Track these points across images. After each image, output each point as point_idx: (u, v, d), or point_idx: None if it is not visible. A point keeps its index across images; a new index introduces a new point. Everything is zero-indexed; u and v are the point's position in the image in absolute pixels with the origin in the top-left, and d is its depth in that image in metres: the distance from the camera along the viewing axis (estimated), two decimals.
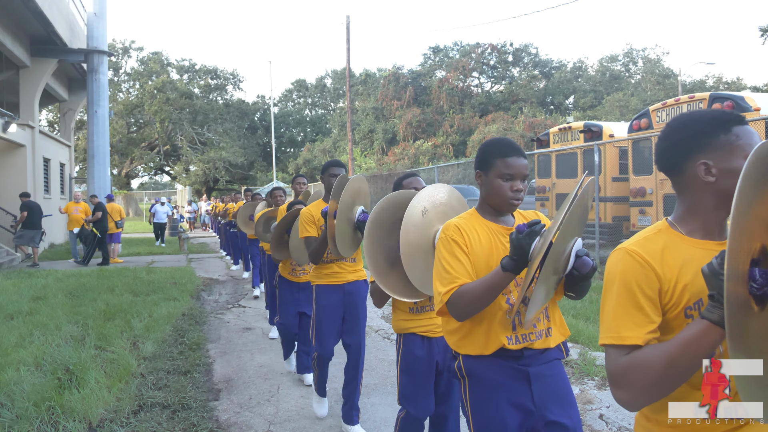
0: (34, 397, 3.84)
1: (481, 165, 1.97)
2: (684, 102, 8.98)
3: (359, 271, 3.78)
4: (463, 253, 1.86)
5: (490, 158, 1.93)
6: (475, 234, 1.91)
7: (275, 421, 3.87)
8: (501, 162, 1.90)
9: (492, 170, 1.92)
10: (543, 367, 1.89)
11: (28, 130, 14.53)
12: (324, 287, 3.70)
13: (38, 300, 7.73)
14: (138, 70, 41.84)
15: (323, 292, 3.69)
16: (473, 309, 1.80)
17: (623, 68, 42.01)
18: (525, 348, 1.86)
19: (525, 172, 1.93)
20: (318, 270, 3.73)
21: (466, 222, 1.94)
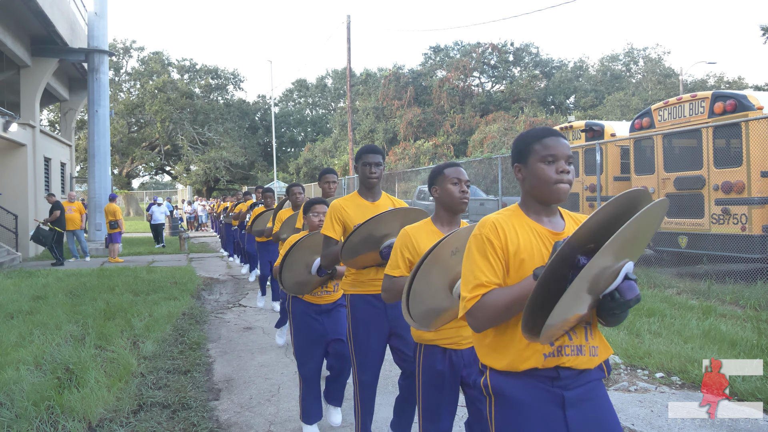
0: (34, 397, 3.82)
1: (518, 156, 1.78)
2: (686, 101, 8.96)
3: None
4: (497, 256, 1.66)
5: (527, 145, 1.75)
6: (514, 234, 1.69)
7: (276, 421, 3.85)
8: (539, 145, 1.72)
9: (531, 156, 1.73)
10: (581, 390, 1.66)
11: (29, 129, 14.52)
12: (361, 297, 3.06)
13: (38, 299, 7.72)
14: (139, 69, 41.85)
15: (361, 304, 3.06)
16: (494, 320, 1.62)
17: (624, 68, 41.97)
18: (561, 367, 1.64)
19: (568, 153, 1.72)
20: (354, 276, 3.10)
21: (506, 220, 1.71)
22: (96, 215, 15.80)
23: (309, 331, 3.54)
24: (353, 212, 3.10)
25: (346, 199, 3.19)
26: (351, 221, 3.07)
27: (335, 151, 37.48)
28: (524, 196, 1.79)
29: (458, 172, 2.51)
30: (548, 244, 1.69)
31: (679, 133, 8.97)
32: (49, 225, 12.79)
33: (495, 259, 1.66)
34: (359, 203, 3.16)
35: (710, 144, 8.27)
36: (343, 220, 3.10)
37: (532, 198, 1.76)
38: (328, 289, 3.54)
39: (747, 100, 7.98)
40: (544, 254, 1.67)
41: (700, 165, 8.43)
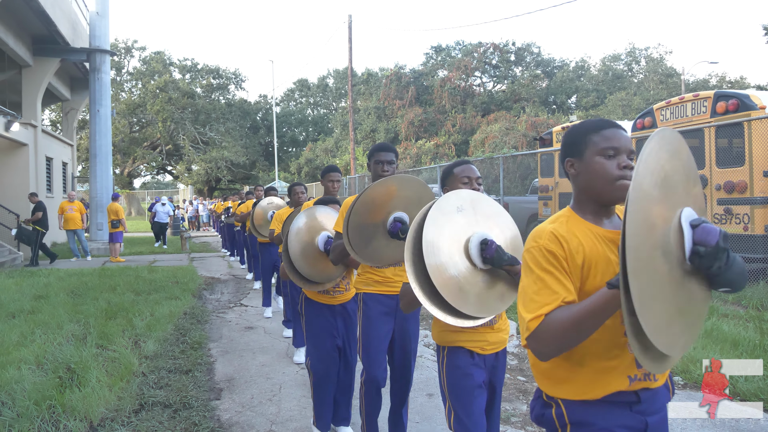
0: (35, 396, 3.82)
1: (571, 150, 1.56)
2: (689, 100, 8.94)
3: None
4: (562, 268, 1.44)
5: (583, 137, 1.53)
6: (577, 242, 1.48)
7: (277, 421, 3.85)
8: (598, 136, 1.51)
9: (588, 149, 1.51)
10: (659, 415, 1.51)
11: (31, 129, 14.54)
12: (373, 297, 3.08)
13: (40, 299, 7.73)
14: (140, 69, 41.89)
15: (373, 303, 3.07)
16: (564, 343, 1.38)
17: (626, 67, 41.91)
18: (643, 389, 1.49)
19: (631, 146, 1.51)
20: (368, 275, 3.11)
21: (563, 227, 1.51)
22: (98, 215, 15.81)
23: (323, 334, 3.44)
24: None
25: None
26: None
27: (336, 151, 37.47)
28: (578, 195, 1.58)
29: (468, 170, 2.47)
30: (614, 249, 1.48)
31: (682, 133, 8.92)
32: (31, 225, 12.61)
33: (561, 273, 1.44)
34: None
35: (712, 144, 8.25)
36: None
37: (588, 197, 1.54)
38: (341, 288, 3.46)
39: (749, 100, 7.96)
40: (612, 261, 1.46)
41: (702, 164, 8.41)
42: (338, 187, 4.01)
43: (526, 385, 4.51)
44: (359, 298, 3.12)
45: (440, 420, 3.80)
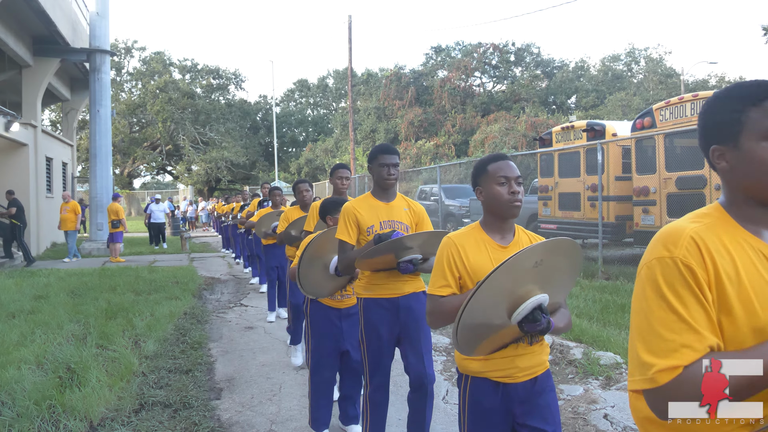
0: (35, 396, 3.83)
1: (723, 135, 1.15)
2: (688, 100, 8.95)
3: (417, 281, 3.07)
4: (700, 296, 1.04)
5: (740, 114, 1.12)
6: (727, 258, 1.07)
7: (277, 420, 3.85)
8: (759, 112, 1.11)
9: (745, 132, 1.11)
10: None
11: (31, 129, 14.54)
12: (374, 301, 3.00)
13: (40, 299, 7.73)
14: (140, 69, 41.89)
15: (374, 307, 2.99)
16: None
17: (625, 68, 41.92)
18: None
19: None
20: (367, 279, 3.03)
21: (709, 232, 1.10)
22: (98, 215, 15.81)
23: (327, 336, 3.42)
24: (366, 213, 3.00)
25: (359, 200, 3.08)
26: (365, 223, 2.98)
27: (336, 151, 37.46)
28: (731, 193, 1.17)
29: (506, 168, 2.02)
30: None
31: (681, 133, 8.95)
32: (8, 219, 12.37)
33: (703, 302, 1.04)
34: (372, 204, 3.05)
35: None
36: (358, 223, 2.98)
37: (747, 196, 1.14)
38: (347, 292, 3.42)
39: None
40: None
41: (701, 164, 8.42)
42: (348, 184, 3.93)
43: None
44: (360, 303, 3.06)
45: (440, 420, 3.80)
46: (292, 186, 5.37)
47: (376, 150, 3.07)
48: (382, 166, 3.00)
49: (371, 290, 3.01)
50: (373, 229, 2.94)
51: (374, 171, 3.07)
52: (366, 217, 2.97)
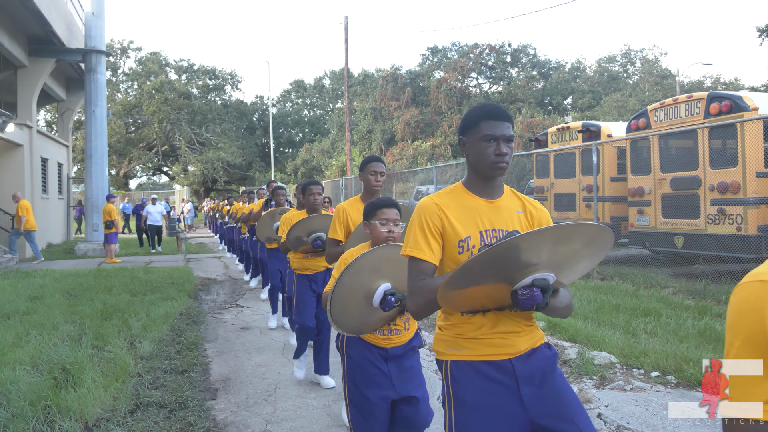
0: (30, 397, 3.82)
1: None
2: (682, 101, 8.99)
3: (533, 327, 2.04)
4: None
5: None
6: None
7: (273, 420, 3.86)
8: None
9: None
10: None
11: (26, 129, 14.50)
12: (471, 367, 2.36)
13: (35, 299, 7.71)
14: (136, 70, 41.79)
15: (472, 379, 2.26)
16: None
17: (621, 69, 42.06)
18: None
19: None
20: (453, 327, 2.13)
21: None
22: (93, 216, 15.78)
23: (370, 385, 2.61)
24: (459, 217, 2.26)
25: (443, 195, 2.09)
26: (456, 233, 2.01)
27: (333, 152, 37.46)
28: None
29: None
30: None
31: (675, 134, 9.00)
32: None
33: None
34: (467, 203, 2.10)
35: (706, 144, 8.30)
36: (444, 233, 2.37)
37: None
38: (397, 326, 2.64)
39: (742, 101, 8.02)
40: None
41: (696, 165, 8.46)
42: (382, 181, 3.40)
43: None
44: (444, 371, 1.86)
45: None
46: (298, 187, 4.82)
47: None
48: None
49: (463, 347, 1.81)
50: (469, 243, 1.82)
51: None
52: (459, 224, 1.83)
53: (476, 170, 1.88)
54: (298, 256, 4.55)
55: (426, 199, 1.88)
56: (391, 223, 2.63)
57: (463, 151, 1.91)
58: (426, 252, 1.81)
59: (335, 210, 3.39)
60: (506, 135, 1.82)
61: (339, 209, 3.38)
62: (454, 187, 1.93)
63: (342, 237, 3.36)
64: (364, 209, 2.73)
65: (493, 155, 1.81)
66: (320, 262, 4.48)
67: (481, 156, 1.83)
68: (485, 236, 1.84)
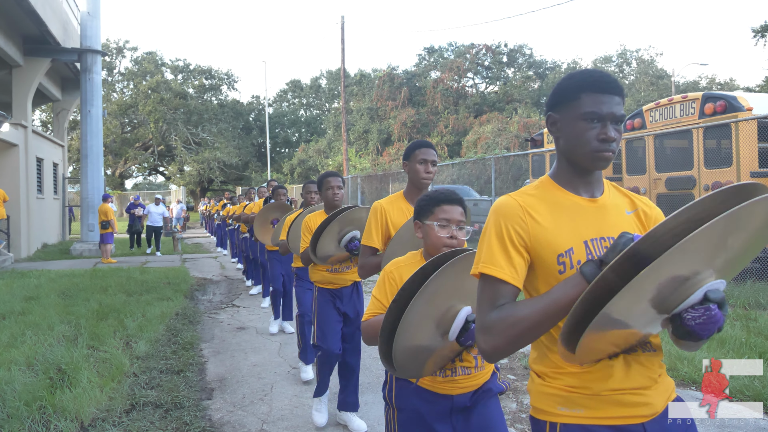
0: (26, 397, 3.82)
1: None
2: (677, 102, 9.03)
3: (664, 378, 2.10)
4: None
5: None
6: None
7: (268, 420, 3.86)
8: None
9: None
10: None
11: (21, 129, 14.45)
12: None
13: (31, 300, 7.69)
14: (132, 70, 41.73)
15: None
16: None
17: (617, 69, 42.17)
18: None
19: None
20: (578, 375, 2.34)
21: None
22: (89, 216, 15.73)
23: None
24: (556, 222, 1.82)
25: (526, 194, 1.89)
26: (554, 246, 1.88)
27: (329, 152, 37.45)
28: None
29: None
30: None
31: (670, 134, 9.04)
32: None
33: None
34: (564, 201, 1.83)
35: (701, 144, 8.34)
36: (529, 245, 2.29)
37: None
38: (467, 364, 2.07)
39: (737, 101, 8.05)
40: None
41: (690, 165, 8.50)
42: (434, 173, 2.75)
43: (516, 383, 4.54)
44: None
45: None
46: (315, 181, 4.23)
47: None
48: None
49: (580, 405, 1.34)
50: (572, 259, 1.36)
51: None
52: (556, 232, 1.38)
53: (571, 159, 1.41)
54: (320, 268, 3.76)
55: (506, 199, 1.42)
56: (454, 224, 1.97)
57: (552, 133, 1.45)
58: (506, 270, 1.33)
59: (371, 209, 2.75)
60: (615, 114, 1.35)
61: (376, 208, 2.73)
62: (542, 182, 1.47)
63: (379, 244, 2.69)
64: (417, 205, 2.10)
65: (595, 140, 1.35)
66: (347, 275, 3.77)
67: (579, 140, 1.37)
68: (592, 248, 1.35)
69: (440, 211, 1.96)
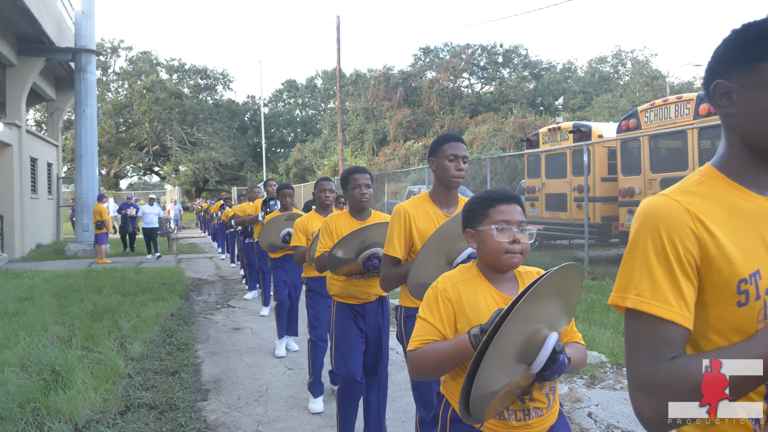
0: (19, 398, 3.80)
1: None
2: (672, 102, 9.06)
3: None
4: None
5: None
6: None
7: (264, 421, 3.85)
8: None
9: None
10: None
11: (15, 129, 14.38)
12: None
13: (24, 300, 7.65)
14: (127, 69, 41.59)
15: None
16: None
17: (612, 70, 42.29)
18: None
19: None
20: None
21: None
22: (83, 216, 15.66)
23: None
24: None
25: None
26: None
27: (325, 152, 37.41)
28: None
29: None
30: None
31: (665, 135, 9.07)
32: None
33: None
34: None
35: (695, 145, 8.36)
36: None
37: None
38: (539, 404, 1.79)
39: None
40: None
41: (685, 166, 8.53)
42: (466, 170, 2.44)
43: None
44: None
45: None
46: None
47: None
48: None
49: None
50: (760, 288, 0.98)
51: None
52: (736, 249, 0.99)
53: (756, 145, 1.01)
54: (338, 278, 3.23)
55: (663, 200, 1.03)
56: (514, 226, 1.66)
57: (720, 108, 1.05)
58: (675, 307, 0.97)
59: (393, 214, 2.43)
60: None
61: (399, 213, 2.40)
62: (706, 176, 1.07)
63: (402, 253, 2.38)
64: (465, 210, 1.79)
65: None
66: (371, 288, 3.20)
67: None
68: None
69: (496, 213, 1.65)
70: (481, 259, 1.71)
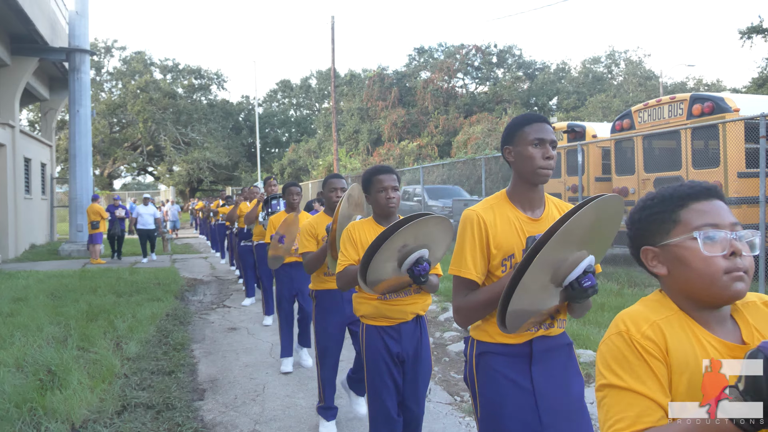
0: (16, 399, 3.79)
1: None
2: (665, 102, 9.12)
3: None
4: None
5: None
6: None
7: (261, 420, 3.86)
8: None
9: None
10: None
11: (9, 129, 14.31)
12: None
13: (19, 301, 7.63)
14: (121, 69, 41.42)
15: None
16: None
17: (606, 70, 42.45)
18: None
19: None
20: None
21: None
22: (77, 216, 15.60)
23: None
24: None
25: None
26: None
27: (320, 152, 37.38)
28: None
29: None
30: None
31: (659, 135, 9.12)
32: None
33: None
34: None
35: (689, 145, 8.42)
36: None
37: None
38: None
39: (724, 102, 8.14)
40: None
41: (679, 166, 8.58)
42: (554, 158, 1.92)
43: None
44: None
45: None
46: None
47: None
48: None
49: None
50: None
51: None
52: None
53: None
54: (368, 297, 2.64)
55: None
56: (728, 231, 1.22)
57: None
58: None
59: (463, 220, 1.87)
60: None
61: (472, 219, 1.84)
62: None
63: (479, 274, 1.84)
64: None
65: None
66: (407, 305, 2.66)
67: None
68: None
69: (693, 215, 1.20)
70: (678, 289, 1.18)
